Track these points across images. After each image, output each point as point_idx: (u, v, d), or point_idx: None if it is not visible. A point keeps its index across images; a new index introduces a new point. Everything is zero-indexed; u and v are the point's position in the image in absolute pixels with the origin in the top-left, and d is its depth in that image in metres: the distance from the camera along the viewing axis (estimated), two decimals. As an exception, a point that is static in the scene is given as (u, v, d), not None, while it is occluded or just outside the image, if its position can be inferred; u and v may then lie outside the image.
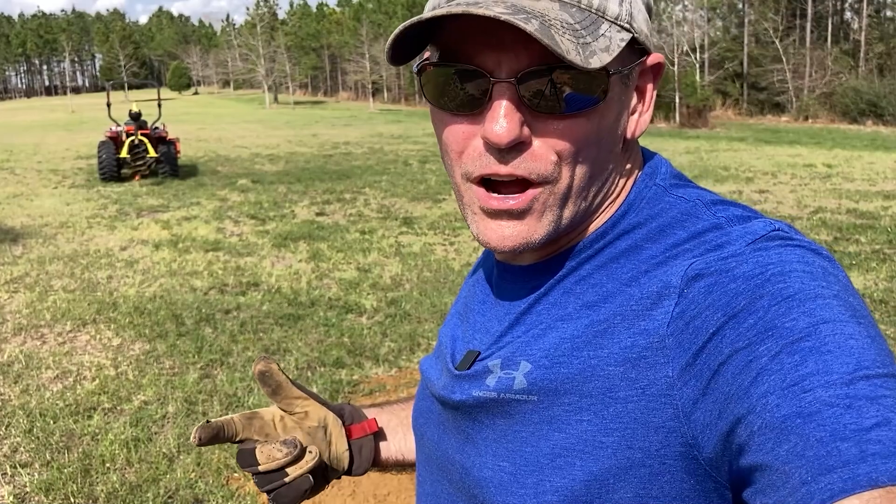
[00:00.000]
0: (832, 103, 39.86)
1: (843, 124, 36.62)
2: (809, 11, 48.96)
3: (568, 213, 0.81)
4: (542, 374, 0.80)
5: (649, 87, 0.87)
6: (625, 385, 0.74)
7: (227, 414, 4.87)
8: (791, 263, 0.71)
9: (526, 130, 0.76)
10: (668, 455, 0.72)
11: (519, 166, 0.77)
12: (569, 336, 0.80)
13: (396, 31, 0.75)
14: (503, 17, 0.69)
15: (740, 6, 53.27)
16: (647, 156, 0.91)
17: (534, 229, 0.80)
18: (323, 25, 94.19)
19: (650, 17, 0.85)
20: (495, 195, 0.80)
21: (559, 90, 0.75)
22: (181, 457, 4.38)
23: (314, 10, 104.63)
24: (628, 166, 0.88)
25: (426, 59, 0.82)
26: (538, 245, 0.82)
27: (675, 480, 0.73)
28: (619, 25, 0.78)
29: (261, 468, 1.01)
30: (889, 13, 50.59)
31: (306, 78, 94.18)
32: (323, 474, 1.09)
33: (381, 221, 11.77)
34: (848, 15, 53.14)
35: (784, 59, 44.65)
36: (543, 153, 0.77)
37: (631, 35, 0.79)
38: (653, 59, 0.85)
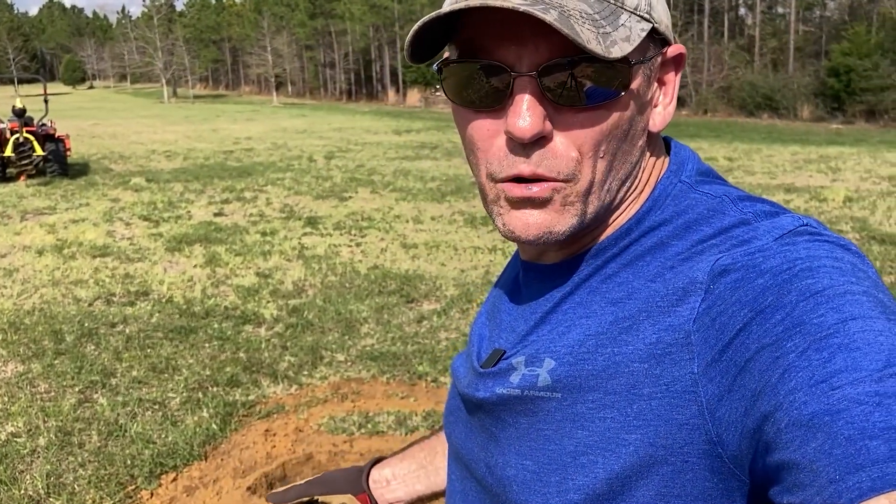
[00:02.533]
0: (730, 97, 40.82)
1: (741, 118, 37.54)
2: (706, 7, 50.11)
3: (591, 207, 0.80)
4: (566, 371, 0.80)
5: (671, 78, 0.85)
6: (649, 382, 0.74)
7: (106, 444, 4.43)
8: (820, 259, 0.70)
9: (548, 124, 0.76)
10: (692, 453, 0.71)
11: (541, 164, 0.76)
12: (593, 332, 0.80)
13: (415, 27, 0.75)
14: (521, 9, 0.69)
15: (640, 1, 54.18)
16: (674, 149, 0.90)
17: (556, 221, 0.79)
18: (223, 17, 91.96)
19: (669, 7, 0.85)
20: (520, 184, 0.79)
21: (580, 82, 0.74)
22: (50, 499, 3.88)
23: (213, 1, 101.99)
24: (652, 160, 0.87)
25: (446, 58, 0.82)
26: (562, 238, 0.80)
27: (698, 479, 0.72)
28: (639, 15, 0.77)
29: None
30: (781, 9, 52.20)
31: (206, 71, 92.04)
32: None
33: (284, 222, 11.28)
34: (742, 11, 54.64)
35: (683, 54, 45.49)
36: (564, 150, 0.77)
37: (651, 25, 0.78)
38: (674, 49, 0.84)
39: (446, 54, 0.83)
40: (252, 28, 76.19)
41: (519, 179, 0.78)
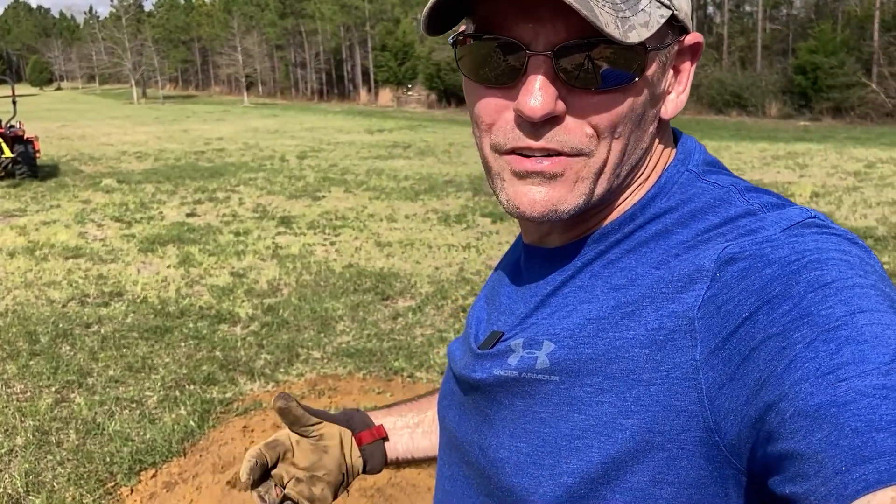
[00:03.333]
0: (699, 95, 41.18)
1: (710, 115, 37.85)
2: (675, 6, 50.48)
3: (600, 188, 0.80)
4: (566, 354, 0.79)
5: (687, 67, 0.85)
6: (649, 367, 0.74)
7: (84, 442, 4.45)
8: (828, 251, 0.70)
9: (560, 105, 0.75)
10: (688, 440, 0.71)
11: (552, 139, 0.76)
12: (594, 317, 0.79)
13: (432, 0, 0.74)
14: None
15: None
16: (682, 139, 0.90)
17: (564, 197, 0.79)
18: (192, 17, 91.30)
19: None
20: (528, 158, 0.78)
21: (596, 65, 0.74)
22: (30, 497, 3.90)
23: (182, 1, 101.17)
24: (661, 147, 0.87)
25: (462, 32, 0.81)
26: (566, 216, 0.80)
27: (692, 466, 0.72)
28: (659, 2, 0.76)
29: None
30: (748, 8, 52.73)
31: (176, 72, 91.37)
32: (343, 483, 1.17)
33: (257, 221, 11.28)
34: (710, 9, 55.11)
35: (653, 52, 45.76)
36: (577, 127, 0.76)
37: (671, 12, 0.77)
38: (691, 38, 0.84)
39: (462, 27, 0.83)
40: (222, 28, 75.74)
41: (526, 154, 0.78)
